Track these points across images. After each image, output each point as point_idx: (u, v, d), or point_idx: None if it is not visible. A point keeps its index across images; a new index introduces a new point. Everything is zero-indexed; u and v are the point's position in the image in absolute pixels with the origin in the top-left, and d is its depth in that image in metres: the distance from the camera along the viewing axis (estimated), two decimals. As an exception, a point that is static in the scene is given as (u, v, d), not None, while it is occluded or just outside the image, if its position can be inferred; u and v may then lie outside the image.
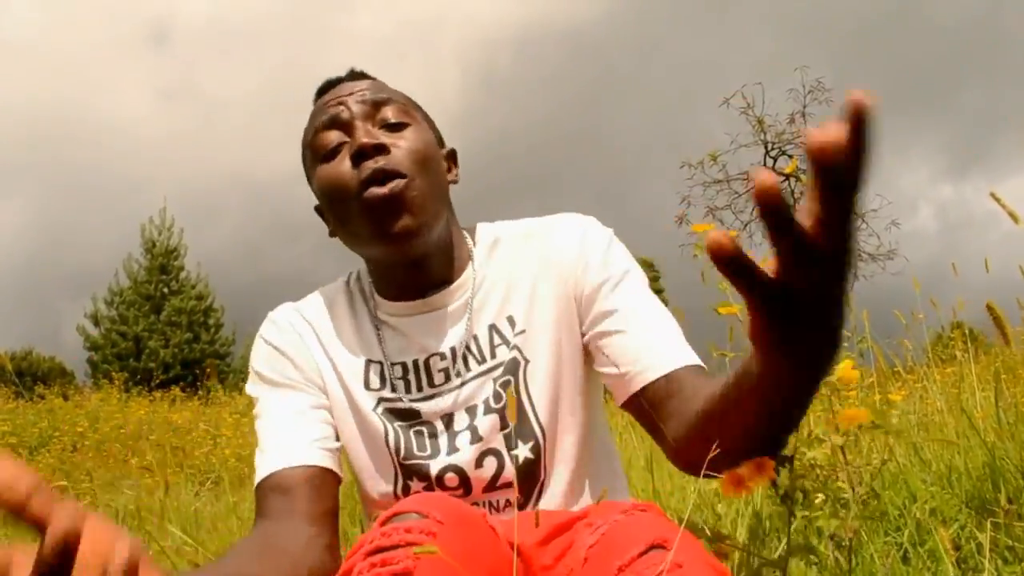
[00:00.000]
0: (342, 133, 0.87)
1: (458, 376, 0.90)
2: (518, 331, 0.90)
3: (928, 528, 1.47)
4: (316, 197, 0.93)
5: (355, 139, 0.85)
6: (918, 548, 1.39)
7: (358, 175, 0.84)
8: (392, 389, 0.91)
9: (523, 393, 0.89)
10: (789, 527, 0.85)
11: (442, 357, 0.90)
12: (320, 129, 0.88)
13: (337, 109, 0.88)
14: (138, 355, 15.28)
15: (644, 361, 0.83)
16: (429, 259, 0.90)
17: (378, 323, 0.93)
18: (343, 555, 0.76)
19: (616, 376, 0.85)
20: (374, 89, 0.90)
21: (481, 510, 0.82)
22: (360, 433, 0.91)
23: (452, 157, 0.97)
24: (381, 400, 0.91)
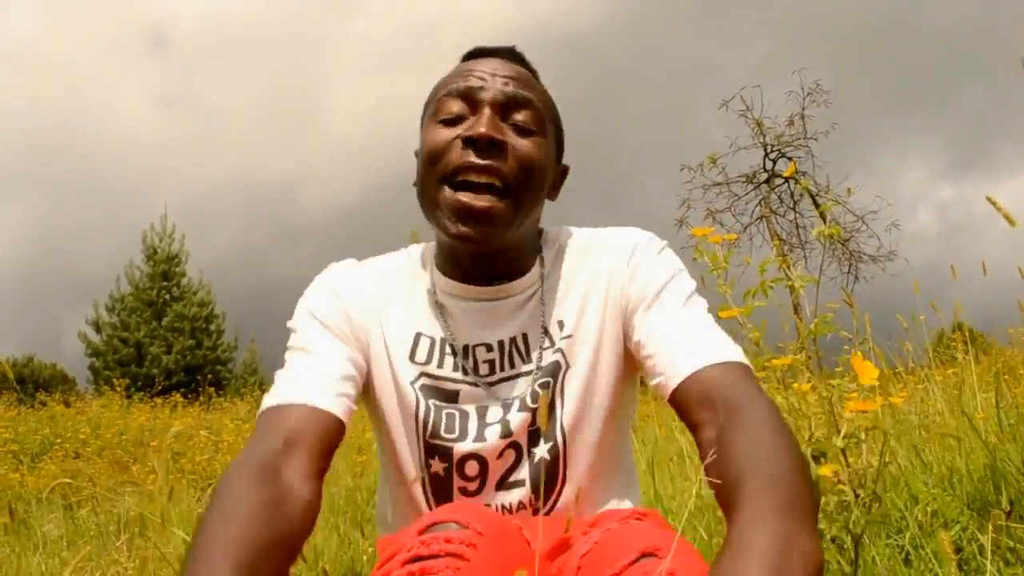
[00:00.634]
0: (468, 108, 0.87)
1: (502, 370, 0.91)
2: (565, 335, 0.91)
3: (930, 530, 1.47)
4: (418, 144, 0.93)
5: (478, 123, 0.85)
6: (920, 550, 1.39)
7: (460, 157, 0.84)
8: (438, 366, 0.91)
9: (557, 397, 0.90)
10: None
11: (489, 348, 0.91)
12: (453, 94, 0.88)
13: (478, 83, 0.87)
14: (140, 361, 15.24)
15: (668, 372, 0.82)
16: (497, 256, 0.91)
17: (434, 299, 0.93)
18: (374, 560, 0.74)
19: (655, 387, 0.85)
20: (521, 83, 0.89)
21: (516, 523, 0.83)
22: (395, 403, 0.91)
23: (563, 175, 0.98)
24: (423, 375, 0.91)
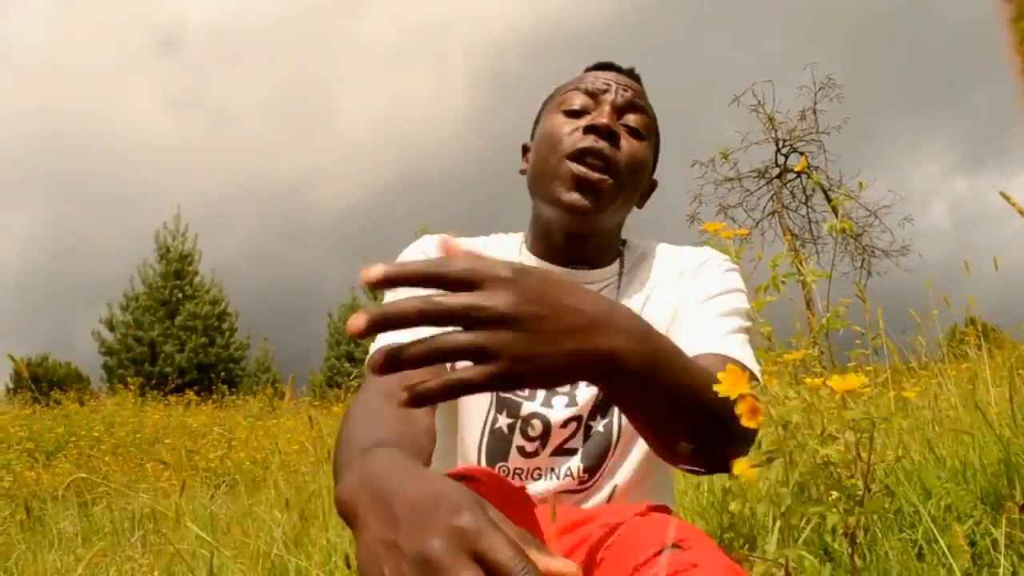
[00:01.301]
0: (592, 104, 0.97)
1: None
2: None
3: (943, 524, 1.47)
4: (532, 137, 1.03)
5: (600, 115, 0.95)
6: (933, 545, 1.38)
7: (581, 141, 0.93)
8: None
9: None
10: (788, 527, 0.85)
11: None
12: (580, 90, 0.99)
13: (603, 86, 0.98)
14: (153, 360, 15.35)
15: None
16: (588, 240, 0.98)
17: None
18: None
19: None
20: (638, 94, 1.00)
21: (522, 490, 0.87)
22: None
23: (652, 187, 1.06)
24: None
